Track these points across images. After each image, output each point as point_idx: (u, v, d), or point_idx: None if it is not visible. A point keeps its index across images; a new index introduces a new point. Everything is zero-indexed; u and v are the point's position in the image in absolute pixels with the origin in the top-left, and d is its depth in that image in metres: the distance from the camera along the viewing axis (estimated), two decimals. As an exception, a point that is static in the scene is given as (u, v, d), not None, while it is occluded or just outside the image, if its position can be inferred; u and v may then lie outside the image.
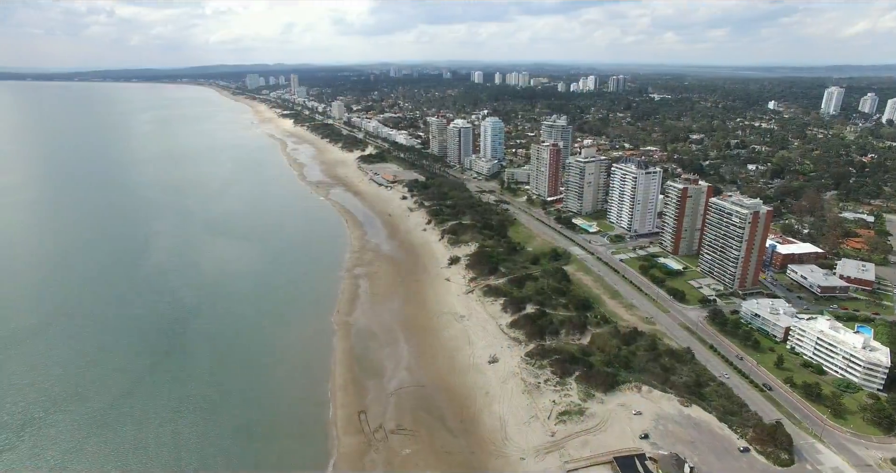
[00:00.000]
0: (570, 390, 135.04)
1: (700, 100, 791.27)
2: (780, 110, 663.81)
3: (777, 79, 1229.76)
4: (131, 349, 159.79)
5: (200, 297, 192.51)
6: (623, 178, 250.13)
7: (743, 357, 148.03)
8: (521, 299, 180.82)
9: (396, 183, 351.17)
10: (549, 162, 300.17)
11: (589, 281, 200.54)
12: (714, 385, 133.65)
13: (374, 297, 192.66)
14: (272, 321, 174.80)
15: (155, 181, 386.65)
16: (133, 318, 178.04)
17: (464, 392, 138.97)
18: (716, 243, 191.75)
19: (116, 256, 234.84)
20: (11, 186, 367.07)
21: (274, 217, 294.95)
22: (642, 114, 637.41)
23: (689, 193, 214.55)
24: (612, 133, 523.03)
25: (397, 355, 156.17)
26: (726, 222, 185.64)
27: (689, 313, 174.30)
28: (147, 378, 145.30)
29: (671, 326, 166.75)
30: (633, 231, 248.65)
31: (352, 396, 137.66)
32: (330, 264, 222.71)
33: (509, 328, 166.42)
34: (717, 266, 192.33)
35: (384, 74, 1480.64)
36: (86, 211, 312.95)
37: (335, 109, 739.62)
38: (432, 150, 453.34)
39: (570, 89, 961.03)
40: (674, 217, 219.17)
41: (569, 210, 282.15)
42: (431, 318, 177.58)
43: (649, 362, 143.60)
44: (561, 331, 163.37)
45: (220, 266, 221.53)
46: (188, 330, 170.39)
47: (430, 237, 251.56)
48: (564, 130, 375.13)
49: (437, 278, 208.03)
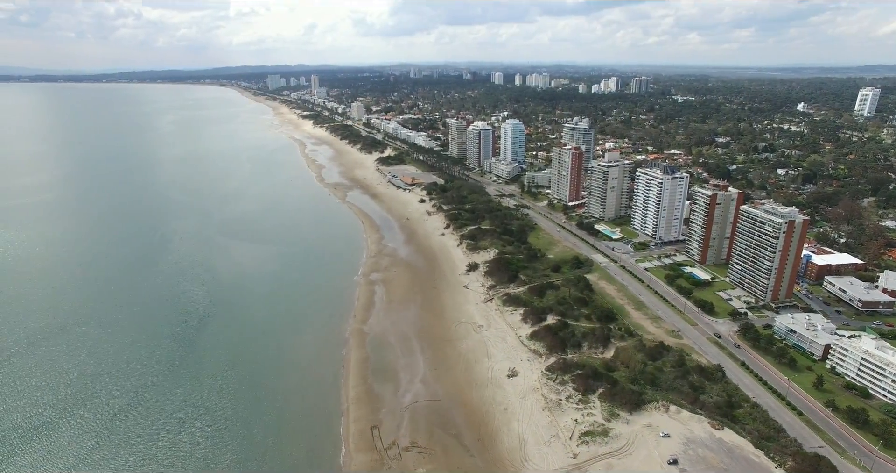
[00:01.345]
0: (594, 408, 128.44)
1: (725, 102, 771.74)
2: (810, 112, 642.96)
3: (806, 80, 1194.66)
4: (145, 354, 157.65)
5: (214, 302, 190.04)
6: (648, 183, 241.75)
7: (778, 377, 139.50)
8: (542, 309, 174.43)
9: (415, 186, 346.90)
10: (570, 166, 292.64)
11: (612, 291, 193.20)
12: (748, 407, 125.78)
13: (391, 304, 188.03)
14: (286, 328, 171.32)
15: (174, 181, 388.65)
16: (147, 322, 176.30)
17: (481, 408, 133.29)
18: (747, 253, 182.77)
19: (131, 258, 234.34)
20: (33, 186, 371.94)
21: (291, 219, 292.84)
22: (666, 116, 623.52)
23: (719, 199, 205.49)
24: (634, 136, 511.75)
25: (413, 366, 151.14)
26: (759, 231, 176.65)
27: (719, 326, 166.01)
28: (158, 387, 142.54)
29: (700, 340, 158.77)
30: (658, 239, 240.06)
31: (365, 409, 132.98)
32: (346, 269, 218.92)
33: (529, 340, 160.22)
34: (748, 277, 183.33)
35: (404, 75, 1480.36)
36: (104, 212, 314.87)
37: (354, 110, 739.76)
38: (451, 152, 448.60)
39: (591, 91, 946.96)
40: (701, 225, 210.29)
41: (591, 216, 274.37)
42: (449, 327, 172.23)
43: (677, 379, 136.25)
44: (583, 344, 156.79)
45: (235, 270, 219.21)
46: (202, 336, 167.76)
47: (448, 242, 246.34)
48: (586, 132, 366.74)
49: (454, 285, 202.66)
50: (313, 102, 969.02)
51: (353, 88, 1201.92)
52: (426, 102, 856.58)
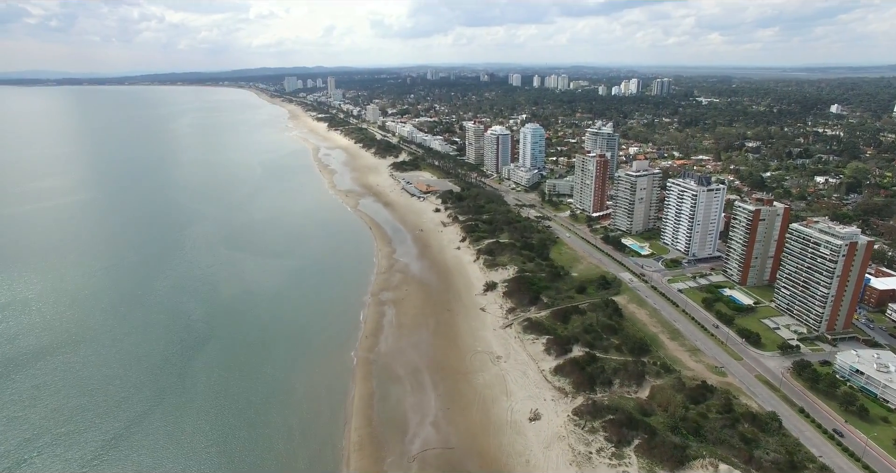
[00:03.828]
0: (630, 464, 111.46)
1: (751, 104, 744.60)
2: (844, 114, 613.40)
3: (835, 80, 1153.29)
4: (132, 384, 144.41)
5: (213, 325, 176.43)
6: (681, 195, 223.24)
7: (847, 428, 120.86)
8: (567, 338, 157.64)
9: (430, 193, 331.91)
10: (595, 174, 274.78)
11: (644, 316, 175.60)
12: (814, 468, 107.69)
13: (401, 329, 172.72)
14: (286, 355, 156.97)
15: (182, 188, 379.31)
16: (138, 347, 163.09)
17: (500, 459, 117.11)
18: (797, 277, 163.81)
19: (130, 274, 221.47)
20: (41, 191, 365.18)
21: (299, 230, 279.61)
22: (690, 119, 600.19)
23: (762, 215, 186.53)
24: (658, 140, 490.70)
25: (423, 404, 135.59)
26: (812, 254, 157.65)
27: (768, 361, 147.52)
28: (140, 424, 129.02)
29: (747, 379, 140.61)
30: (692, 255, 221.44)
31: (368, 458, 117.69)
32: (354, 287, 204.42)
33: (553, 375, 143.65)
34: (799, 304, 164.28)
35: (421, 77, 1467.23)
36: (106, 222, 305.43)
37: (370, 112, 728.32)
38: (468, 157, 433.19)
39: (611, 93, 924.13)
40: (742, 243, 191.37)
41: (617, 228, 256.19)
42: (464, 357, 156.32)
43: (725, 429, 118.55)
44: (614, 381, 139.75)
45: (237, 287, 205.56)
46: (194, 364, 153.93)
47: (464, 257, 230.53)
48: (610, 138, 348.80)
49: (471, 307, 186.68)
50: (329, 105, 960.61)
51: (369, 89, 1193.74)
52: (443, 105, 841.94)
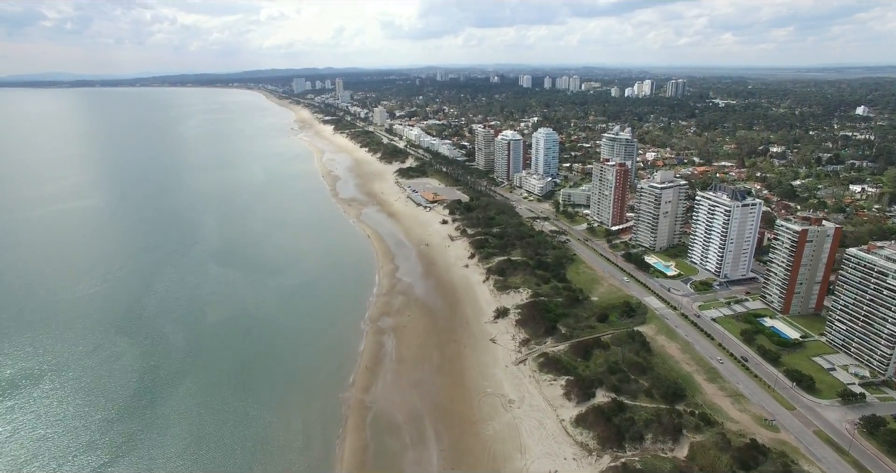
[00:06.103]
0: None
1: (771, 106, 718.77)
2: (871, 117, 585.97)
3: (856, 81, 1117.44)
4: (95, 427, 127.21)
5: (193, 355, 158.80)
6: (712, 210, 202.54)
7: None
8: (589, 380, 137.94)
9: (437, 203, 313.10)
10: (614, 184, 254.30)
11: (675, 350, 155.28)
12: None
13: (401, 364, 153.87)
14: (268, 399, 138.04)
15: (179, 195, 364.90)
16: (104, 381, 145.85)
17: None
18: (856, 311, 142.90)
19: (110, 291, 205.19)
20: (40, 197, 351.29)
21: (295, 244, 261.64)
22: (708, 122, 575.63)
23: (810, 236, 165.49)
24: (677, 145, 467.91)
25: (424, 462, 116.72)
26: (877, 285, 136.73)
27: (827, 413, 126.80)
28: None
29: (805, 436, 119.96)
30: (724, 276, 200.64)
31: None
32: (351, 311, 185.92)
33: (575, 427, 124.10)
34: (858, 341, 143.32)
35: (430, 78, 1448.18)
36: (102, 230, 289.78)
37: (377, 115, 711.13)
38: (478, 163, 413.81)
39: (624, 94, 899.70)
40: (785, 267, 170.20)
41: (639, 244, 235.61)
42: (472, 401, 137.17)
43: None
44: (646, 436, 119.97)
45: (222, 311, 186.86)
46: (167, 402, 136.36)
47: (472, 277, 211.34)
48: (629, 144, 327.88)
49: (480, 337, 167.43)
50: (336, 106, 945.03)
51: (378, 91, 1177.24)
52: (452, 107, 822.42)
